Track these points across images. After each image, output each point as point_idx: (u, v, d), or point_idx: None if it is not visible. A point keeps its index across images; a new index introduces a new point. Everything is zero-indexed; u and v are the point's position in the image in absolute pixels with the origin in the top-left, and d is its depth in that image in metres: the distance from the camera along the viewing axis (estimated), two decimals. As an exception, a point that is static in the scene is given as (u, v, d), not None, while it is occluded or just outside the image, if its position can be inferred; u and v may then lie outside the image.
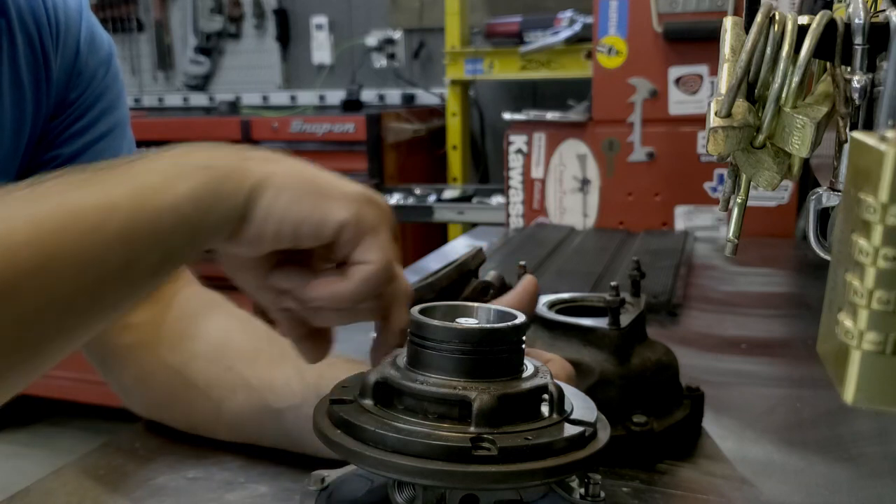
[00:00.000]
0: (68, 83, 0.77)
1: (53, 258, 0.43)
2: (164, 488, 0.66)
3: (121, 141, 0.81)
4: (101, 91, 0.80)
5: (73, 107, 0.78)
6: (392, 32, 3.47)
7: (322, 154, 3.00)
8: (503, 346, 0.46)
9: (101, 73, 0.80)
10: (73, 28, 0.77)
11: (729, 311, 1.19)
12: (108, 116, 0.80)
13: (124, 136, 0.82)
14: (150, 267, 0.47)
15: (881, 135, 0.30)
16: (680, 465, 0.69)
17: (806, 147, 0.47)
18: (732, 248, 0.52)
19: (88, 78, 0.79)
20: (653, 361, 0.72)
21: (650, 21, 1.66)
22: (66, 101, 0.78)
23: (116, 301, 0.48)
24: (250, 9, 3.71)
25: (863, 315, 0.30)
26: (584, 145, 1.74)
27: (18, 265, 0.42)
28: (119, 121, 0.81)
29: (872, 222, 0.29)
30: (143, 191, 0.47)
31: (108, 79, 0.81)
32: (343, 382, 0.49)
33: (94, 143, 0.79)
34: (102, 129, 0.79)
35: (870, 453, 0.72)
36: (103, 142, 0.79)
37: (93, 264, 0.45)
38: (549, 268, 1.35)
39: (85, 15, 0.79)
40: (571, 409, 0.47)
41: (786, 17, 0.47)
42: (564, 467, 0.43)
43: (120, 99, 0.82)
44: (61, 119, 0.77)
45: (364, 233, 0.50)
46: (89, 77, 0.79)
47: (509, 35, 2.75)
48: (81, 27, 0.78)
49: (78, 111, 0.78)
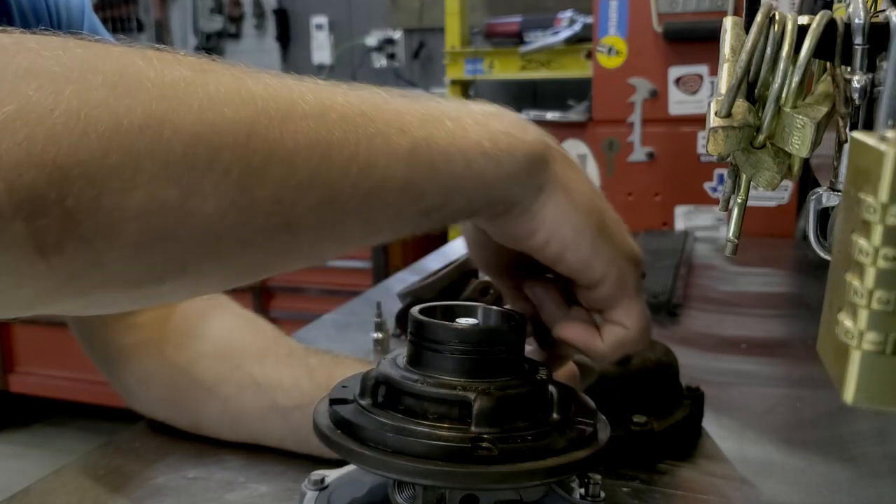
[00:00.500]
0: None
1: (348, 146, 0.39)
2: (164, 488, 0.66)
3: None
4: None
5: None
6: (392, 32, 3.48)
7: (322, 154, 3.01)
8: (503, 346, 0.46)
9: None
10: (76, 27, 0.78)
11: (729, 311, 1.19)
12: None
13: None
14: (414, 202, 0.42)
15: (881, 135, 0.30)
16: (680, 465, 0.69)
17: (806, 147, 0.47)
18: (732, 248, 0.52)
19: None
20: (653, 361, 0.72)
21: (650, 21, 1.66)
22: None
23: (359, 225, 0.42)
24: (250, 9, 3.72)
25: (863, 315, 0.30)
26: (584, 145, 1.74)
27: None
28: None
29: (872, 222, 0.29)
30: (447, 129, 0.43)
31: None
32: (343, 382, 0.49)
33: None
34: None
35: (870, 453, 0.72)
36: None
37: (366, 174, 0.40)
38: (549, 268, 1.34)
39: (87, 14, 0.79)
40: (571, 409, 0.47)
41: (786, 17, 0.47)
42: (564, 467, 0.43)
43: None
44: None
45: (625, 295, 0.49)
46: None
47: (509, 35, 2.75)
48: (84, 26, 0.78)
49: None
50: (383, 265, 2.88)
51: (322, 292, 3.00)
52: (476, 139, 0.44)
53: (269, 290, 3.13)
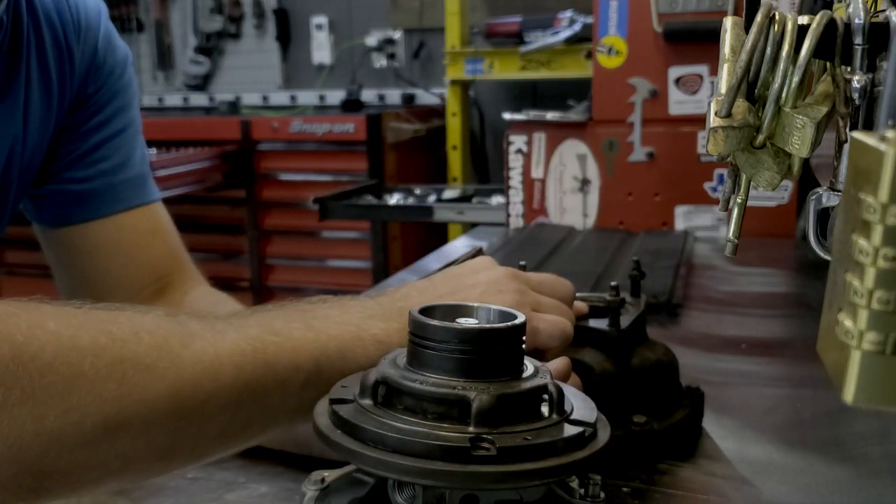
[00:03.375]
0: (87, 77, 0.81)
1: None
2: (164, 488, 0.66)
3: (134, 140, 0.85)
4: (116, 89, 0.83)
5: (92, 101, 0.82)
6: (392, 32, 3.48)
7: (322, 154, 3.00)
8: (503, 347, 0.46)
9: (118, 72, 0.84)
10: (94, 27, 0.81)
11: (729, 311, 1.19)
12: (122, 115, 0.84)
13: (137, 137, 0.85)
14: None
15: (881, 135, 0.30)
16: (680, 465, 0.69)
17: (806, 147, 0.47)
18: (732, 248, 0.52)
19: (106, 74, 0.82)
20: (653, 361, 0.72)
21: (650, 21, 1.66)
22: (85, 95, 0.81)
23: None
24: (250, 9, 3.72)
25: (863, 315, 0.30)
26: (584, 145, 1.74)
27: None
28: (132, 121, 0.85)
29: (872, 222, 0.29)
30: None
31: (124, 80, 0.84)
32: (343, 382, 0.49)
33: (110, 139, 0.83)
34: (117, 127, 0.83)
35: (870, 453, 0.72)
36: (118, 139, 0.83)
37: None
38: (549, 268, 1.34)
39: (104, 18, 0.84)
40: (571, 409, 0.47)
41: (786, 17, 0.47)
42: (564, 467, 0.43)
43: (134, 101, 0.87)
44: (80, 112, 0.81)
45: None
46: (107, 73, 0.82)
47: (509, 35, 2.75)
48: (101, 27, 0.82)
49: (95, 106, 0.82)
50: (383, 265, 2.88)
51: (322, 292, 2.99)
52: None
53: (270, 290, 3.13)
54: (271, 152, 3.06)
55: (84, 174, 0.81)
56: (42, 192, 0.82)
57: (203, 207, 3.15)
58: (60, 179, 0.82)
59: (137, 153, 0.85)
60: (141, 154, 0.86)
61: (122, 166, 0.83)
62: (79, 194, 0.82)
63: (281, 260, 3.14)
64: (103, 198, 0.82)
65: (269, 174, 3.08)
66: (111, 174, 0.82)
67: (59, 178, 0.82)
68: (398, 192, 2.60)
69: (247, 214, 3.10)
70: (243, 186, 3.07)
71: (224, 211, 3.17)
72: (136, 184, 0.84)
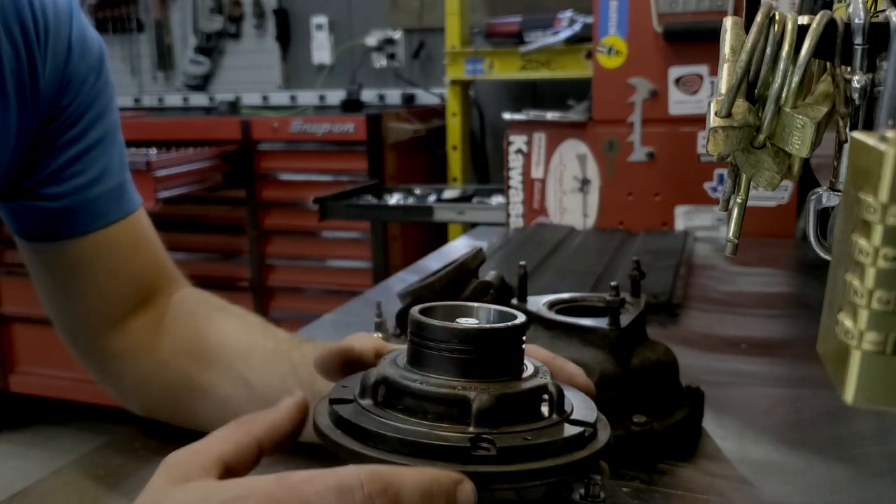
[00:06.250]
0: (59, 90, 0.74)
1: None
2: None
3: (112, 147, 0.79)
4: (93, 97, 0.77)
5: (66, 114, 0.75)
6: (392, 32, 3.47)
7: (322, 154, 3.00)
8: (503, 347, 0.46)
9: (93, 79, 0.77)
10: (63, 31, 0.73)
11: (729, 311, 1.19)
12: (100, 123, 0.77)
13: (115, 142, 0.79)
14: None
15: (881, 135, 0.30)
16: (680, 465, 0.69)
17: (806, 147, 0.47)
18: (732, 248, 0.52)
19: (79, 84, 0.76)
20: (653, 361, 0.72)
21: (650, 21, 1.66)
22: (58, 108, 0.75)
23: None
24: (250, 9, 3.71)
25: (863, 315, 0.30)
26: (584, 145, 1.74)
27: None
28: (110, 127, 0.78)
29: (872, 222, 0.29)
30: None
31: (100, 84, 0.78)
32: (343, 382, 0.49)
33: (87, 152, 0.76)
34: (95, 137, 0.77)
35: (870, 453, 0.72)
36: (96, 150, 0.76)
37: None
38: (549, 268, 1.35)
39: (75, 15, 0.75)
40: (571, 409, 0.47)
41: (786, 17, 0.47)
42: (564, 467, 0.43)
43: (111, 104, 0.79)
44: (54, 126, 0.75)
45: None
46: (80, 83, 0.76)
47: (509, 35, 2.75)
48: (72, 29, 0.74)
49: (70, 119, 0.76)
50: (383, 265, 2.88)
51: (322, 292, 3.00)
52: None
53: (269, 290, 3.13)
54: (271, 152, 3.06)
55: (58, 191, 0.76)
56: (15, 206, 0.77)
57: (203, 207, 3.15)
58: (34, 195, 0.76)
59: (115, 160, 0.80)
60: (119, 160, 0.81)
61: (98, 179, 0.77)
62: (54, 212, 0.76)
63: (281, 260, 3.13)
64: (79, 216, 0.77)
65: (269, 174, 3.07)
66: (87, 189, 0.77)
67: (33, 194, 0.76)
68: (398, 192, 2.60)
69: (247, 214, 3.10)
70: (243, 186, 3.06)
71: (224, 211, 3.17)
72: (112, 196, 0.79)
